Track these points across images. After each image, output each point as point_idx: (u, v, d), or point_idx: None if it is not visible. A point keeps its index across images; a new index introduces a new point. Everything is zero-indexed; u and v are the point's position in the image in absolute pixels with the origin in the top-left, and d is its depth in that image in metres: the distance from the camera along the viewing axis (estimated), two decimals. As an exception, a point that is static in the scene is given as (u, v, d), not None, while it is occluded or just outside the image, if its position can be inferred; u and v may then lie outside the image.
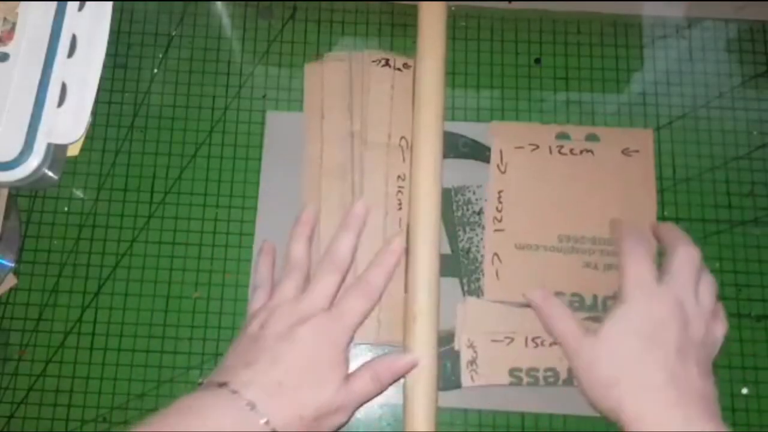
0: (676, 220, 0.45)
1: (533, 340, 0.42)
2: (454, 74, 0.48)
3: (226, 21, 0.49)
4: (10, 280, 0.44)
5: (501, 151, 0.45)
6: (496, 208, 0.45)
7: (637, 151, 0.45)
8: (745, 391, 0.42)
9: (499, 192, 0.45)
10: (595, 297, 0.43)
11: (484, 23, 0.49)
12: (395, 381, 0.39)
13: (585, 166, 0.45)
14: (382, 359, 0.39)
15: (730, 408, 0.42)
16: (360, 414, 0.42)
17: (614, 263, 0.42)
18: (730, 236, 0.45)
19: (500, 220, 0.44)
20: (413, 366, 0.39)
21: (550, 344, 0.42)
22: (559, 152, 0.45)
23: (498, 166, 0.45)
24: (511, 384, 0.41)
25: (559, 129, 0.46)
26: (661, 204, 0.45)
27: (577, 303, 0.43)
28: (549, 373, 0.41)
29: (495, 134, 0.46)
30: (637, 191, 0.45)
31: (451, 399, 0.42)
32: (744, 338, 0.43)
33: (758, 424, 0.42)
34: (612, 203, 0.45)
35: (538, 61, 0.48)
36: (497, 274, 0.43)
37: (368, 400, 0.38)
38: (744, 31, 0.49)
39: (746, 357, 0.43)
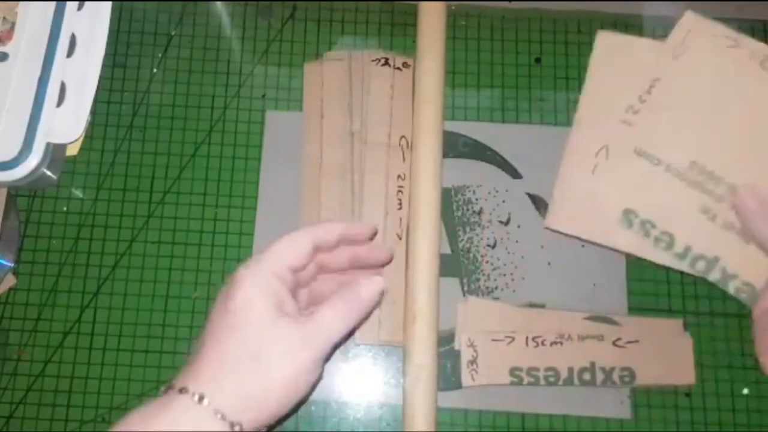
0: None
1: (534, 339, 0.42)
2: (454, 74, 0.47)
3: (225, 20, 0.49)
4: (9, 280, 0.44)
5: (688, 32, 0.37)
6: (639, 97, 0.36)
7: None
8: (745, 391, 0.42)
9: (654, 80, 0.36)
10: (688, 249, 0.36)
11: (484, 22, 0.48)
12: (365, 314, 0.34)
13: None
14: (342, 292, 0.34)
15: (730, 408, 0.42)
16: (360, 414, 0.42)
17: (736, 224, 0.35)
18: (731, 236, 0.45)
19: (636, 112, 0.36)
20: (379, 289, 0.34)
21: (551, 344, 0.42)
22: (762, 66, 0.35)
23: (674, 47, 0.36)
24: (511, 384, 0.41)
25: None
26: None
27: (664, 243, 0.36)
28: (550, 373, 0.41)
29: (687, 18, 0.38)
30: None
31: (451, 399, 0.42)
32: (745, 338, 0.43)
33: (759, 424, 0.42)
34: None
35: (538, 60, 0.48)
36: (594, 170, 0.36)
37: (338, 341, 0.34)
38: (745, 30, 0.48)
39: (747, 357, 0.43)
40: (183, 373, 0.31)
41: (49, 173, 0.45)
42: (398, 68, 0.46)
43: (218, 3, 0.49)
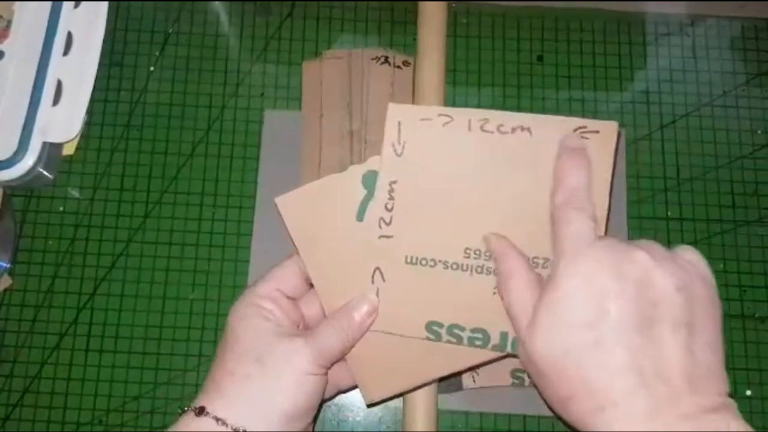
0: (680, 220, 0.44)
1: (535, 341, 0.41)
2: (455, 72, 0.47)
3: (223, 18, 0.48)
4: (5, 281, 0.43)
5: (399, 125, 0.34)
6: (385, 206, 0.34)
7: (596, 132, 0.33)
8: (749, 392, 0.42)
9: (391, 184, 0.34)
10: (504, 335, 0.33)
11: (485, 20, 0.48)
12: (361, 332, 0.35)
13: (516, 150, 0.33)
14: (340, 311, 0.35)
15: (734, 410, 0.42)
16: (360, 416, 0.42)
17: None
18: (734, 236, 0.44)
19: (389, 223, 0.34)
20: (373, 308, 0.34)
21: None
22: (482, 129, 0.33)
23: (393, 146, 0.34)
24: (513, 385, 0.41)
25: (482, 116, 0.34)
26: (665, 204, 0.45)
27: (479, 341, 0.34)
28: (551, 375, 0.41)
29: (393, 110, 0.35)
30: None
31: (452, 401, 0.41)
32: (748, 339, 0.43)
33: (762, 426, 0.41)
34: (546, 207, 0.32)
35: (540, 58, 0.47)
36: (377, 295, 0.34)
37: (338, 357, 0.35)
38: (748, 29, 0.48)
39: (750, 358, 0.42)
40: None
41: (45, 173, 0.44)
42: (398, 67, 0.46)
43: (216, 1, 0.49)
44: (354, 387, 0.37)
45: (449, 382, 0.41)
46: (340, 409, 0.42)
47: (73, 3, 0.45)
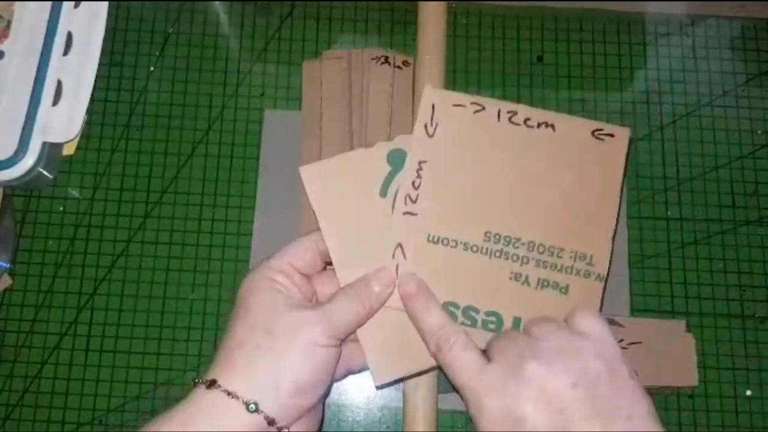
0: (680, 220, 0.44)
1: (535, 341, 0.41)
2: (455, 72, 0.47)
3: (223, 19, 0.48)
4: (5, 281, 0.43)
5: (433, 107, 0.36)
6: (413, 184, 0.35)
7: (611, 136, 0.36)
8: (748, 393, 0.42)
9: (420, 163, 0.35)
10: (517, 320, 0.35)
11: (485, 21, 0.48)
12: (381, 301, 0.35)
13: (540, 144, 0.36)
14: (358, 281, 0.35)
15: (733, 410, 0.42)
16: (360, 417, 0.42)
17: (551, 280, 0.35)
18: (734, 236, 0.44)
19: (414, 200, 0.35)
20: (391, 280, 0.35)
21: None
22: (510, 121, 0.36)
23: (426, 127, 0.36)
24: (512, 386, 0.41)
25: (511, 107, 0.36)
26: (665, 204, 0.45)
27: (492, 324, 0.34)
28: (551, 375, 0.41)
29: (429, 92, 0.37)
30: (596, 190, 0.36)
31: (452, 401, 0.41)
32: (748, 339, 0.43)
33: (761, 426, 0.41)
34: (563, 199, 0.35)
35: (540, 58, 0.47)
36: (397, 271, 0.35)
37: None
38: (748, 29, 0.48)
39: (750, 358, 0.42)
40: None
41: (45, 173, 0.44)
42: (398, 67, 0.46)
43: (216, 1, 0.49)
44: (364, 369, 0.36)
45: (449, 382, 0.41)
46: (340, 409, 0.42)
47: (73, 3, 0.45)
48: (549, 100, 0.47)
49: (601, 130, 0.36)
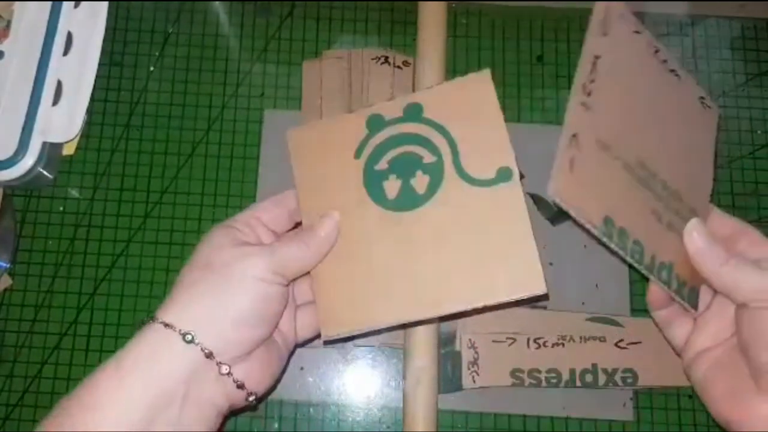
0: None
1: (535, 341, 0.41)
2: (455, 72, 0.47)
3: (223, 19, 0.48)
4: (5, 281, 0.43)
5: (606, 8, 0.34)
6: (589, 75, 0.33)
7: (710, 108, 0.39)
8: (749, 392, 0.42)
9: (596, 58, 0.33)
10: (653, 258, 0.33)
11: (485, 21, 0.48)
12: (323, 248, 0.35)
13: (671, 89, 0.36)
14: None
15: (734, 410, 0.41)
16: (359, 417, 0.41)
17: (677, 224, 0.34)
18: (734, 236, 0.44)
19: (589, 94, 0.33)
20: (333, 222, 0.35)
21: (553, 345, 0.41)
22: (655, 55, 0.36)
23: (600, 23, 0.34)
24: (512, 385, 0.41)
25: None
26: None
27: (637, 255, 0.33)
28: (551, 375, 0.41)
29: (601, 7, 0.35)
30: (700, 153, 0.37)
31: (451, 401, 0.41)
32: (748, 339, 0.43)
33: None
34: (686, 150, 0.36)
35: (540, 58, 0.47)
36: (571, 165, 0.31)
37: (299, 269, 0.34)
38: (748, 29, 0.48)
39: (750, 358, 0.42)
40: None
41: (45, 173, 0.44)
42: (398, 67, 0.46)
43: (216, 1, 0.49)
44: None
45: (449, 382, 0.41)
46: (340, 409, 0.42)
47: (73, 3, 0.45)
48: (549, 100, 0.47)
49: (704, 98, 0.38)
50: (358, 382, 0.42)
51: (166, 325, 0.30)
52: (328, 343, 0.36)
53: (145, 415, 0.29)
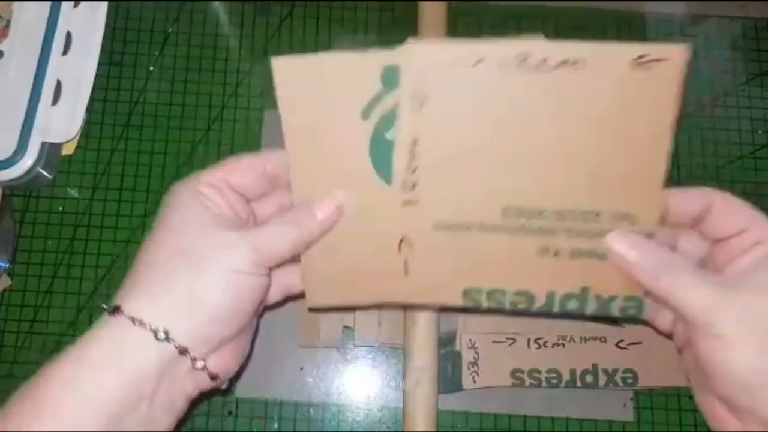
0: (680, 219, 0.44)
1: (536, 341, 0.41)
2: (454, 72, 0.47)
3: (223, 19, 0.48)
4: (4, 281, 0.43)
5: (418, 72, 0.27)
6: (408, 168, 0.29)
7: (660, 61, 0.26)
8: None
9: (414, 141, 0.29)
10: (550, 295, 0.31)
11: (485, 21, 0.48)
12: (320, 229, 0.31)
13: (562, 90, 0.27)
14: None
15: (734, 410, 0.41)
16: (359, 417, 0.41)
17: (586, 248, 0.30)
18: (735, 236, 0.44)
19: (413, 187, 0.29)
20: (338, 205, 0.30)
21: (553, 345, 0.41)
22: (522, 66, 0.27)
23: (412, 98, 0.28)
24: (513, 386, 0.41)
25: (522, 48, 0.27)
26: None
27: (522, 304, 0.32)
28: (551, 375, 0.41)
29: (409, 51, 0.27)
30: (641, 134, 0.28)
31: (452, 401, 0.41)
32: (748, 340, 0.42)
33: (763, 426, 0.41)
34: (597, 155, 0.28)
35: (539, 58, 0.47)
36: (406, 268, 0.31)
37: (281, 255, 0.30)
38: (748, 29, 0.48)
39: (751, 358, 0.42)
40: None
41: (44, 173, 0.44)
42: (398, 66, 0.46)
43: (216, 1, 0.49)
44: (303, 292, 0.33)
45: (449, 382, 0.41)
46: (340, 409, 0.42)
47: (72, 2, 0.45)
48: (549, 100, 0.46)
49: (645, 55, 0.26)
50: (358, 382, 0.42)
51: (135, 319, 0.27)
52: (313, 310, 0.34)
53: (112, 416, 0.26)
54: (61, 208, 0.45)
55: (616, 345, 0.41)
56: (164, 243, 0.29)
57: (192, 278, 0.28)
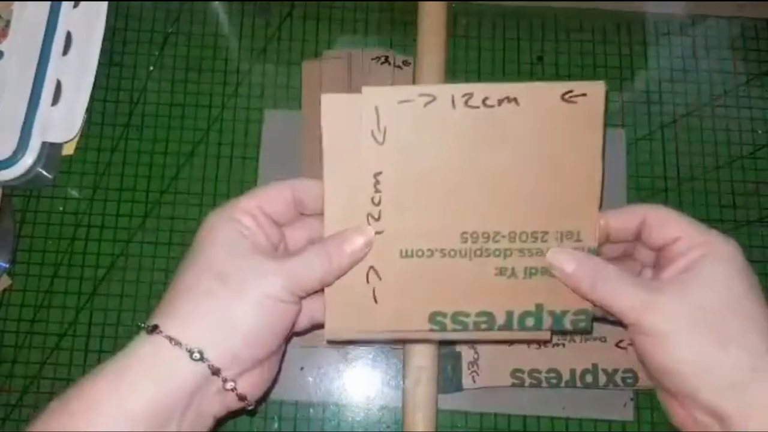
0: (680, 219, 0.44)
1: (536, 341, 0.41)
2: (455, 72, 0.47)
3: (223, 19, 0.48)
4: (4, 281, 0.43)
5: (377, 110, 0.31)
6: (372, 200, 0.32)
7: (584, 95, 0.31)
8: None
9: (376, 175, 0.32)
10: (509, 314, 0.33)
11: (485, 21, 0.48)
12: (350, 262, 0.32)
13: (504, 123, 0.32)
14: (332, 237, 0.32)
15: (734, 410, 0.41)
16: (359, 417, 0.41)
17: (539, 266, 0.33)
18: (735, 236, 0.44)
19: (378, 218, 0.32)
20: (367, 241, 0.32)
21: (553, 345, 0.41)
22: (467, 105, 0.31)
23: (373, 134, 0.31)
24: (513, 385, 0.41)
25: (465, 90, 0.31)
26: (665, 204, 0.44)
27: (485, 324, 0.33)
28: (551, 375, 0.41)
29: (369, 94, 0.31)
30: (575, 160, 0.32)
31: (451, 401, 0.41)
32: (748, 339, 0.42)
33: (762, 426, 0.41)
34: (539, 179, 0.32)
35: (540, 58, 0.47)
36: (375, 296, 0.33)
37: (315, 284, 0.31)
38: (748, 29, 0.48)
39: (750, 358, 0.42)
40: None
41: (44, 172, 0.44)
42: (398, 67, 0.46)
43: (216, 1, 0.49)
44: None
45: (449, 382, 0.41)
46: (340, 409, 0.42)
47: (72, 2, 0.45)
48: (549, 100, 0.46)
49: (570, 91, 0.31)
50: (358, 382, 0.42)
51: (172, 339, 0.28)
52: (332, 343, 0.35)
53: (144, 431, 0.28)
54: (61, 208, 0.45)
55: (616, 345, 0.41)
56: (202, 268, 0.30)
57: (228, 302, 0.29)
